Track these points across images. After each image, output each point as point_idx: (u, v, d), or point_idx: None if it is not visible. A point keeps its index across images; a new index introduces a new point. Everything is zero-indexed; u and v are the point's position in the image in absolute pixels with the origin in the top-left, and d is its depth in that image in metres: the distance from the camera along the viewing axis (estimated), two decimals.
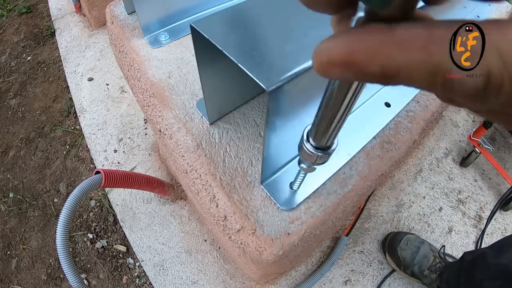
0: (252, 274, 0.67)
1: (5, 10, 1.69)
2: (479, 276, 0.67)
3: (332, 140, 0.29)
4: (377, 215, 1.05)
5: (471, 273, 0.70)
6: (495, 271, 0.64)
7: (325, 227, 0.47)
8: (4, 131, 1.27)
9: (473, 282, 0.68)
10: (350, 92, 0.21)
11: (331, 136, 0.27)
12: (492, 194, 1.13)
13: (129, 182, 0.73)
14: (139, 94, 0.59)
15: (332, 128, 0.26)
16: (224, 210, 0.44)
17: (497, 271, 0.63)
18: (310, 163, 0.33)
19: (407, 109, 0.57)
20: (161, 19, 0.58)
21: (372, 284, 0.94)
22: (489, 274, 0.65)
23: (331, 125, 0.25)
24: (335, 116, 0.24)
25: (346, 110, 0.23)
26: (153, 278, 0.93)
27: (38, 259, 1.00)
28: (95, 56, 1.42)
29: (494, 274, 0.64)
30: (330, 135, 0.27)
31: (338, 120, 0.24)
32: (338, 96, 0.22)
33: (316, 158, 0.30)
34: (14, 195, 1.12)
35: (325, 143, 0.29)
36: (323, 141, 0.28)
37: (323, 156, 0.30)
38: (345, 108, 0.23)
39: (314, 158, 0.30)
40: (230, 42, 0.30)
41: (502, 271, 0.62)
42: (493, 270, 0.64)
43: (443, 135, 1.25)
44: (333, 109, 0.23)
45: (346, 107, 0.23)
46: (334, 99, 0.22)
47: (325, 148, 0.30)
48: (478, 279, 0.67)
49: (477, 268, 0.69)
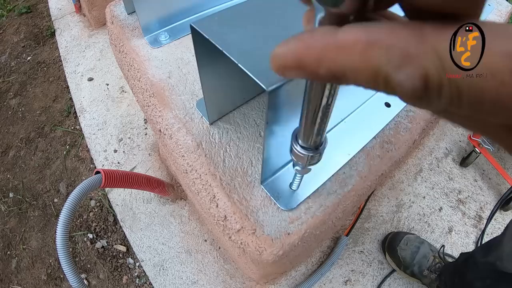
0: (252, 274, 0.67)
1: (5, 10, 1.69)
2: (470, 276, 0.67)
3: (320, 139, 0.29)
4: (377, 215, 1.05)
5: (463, 274, 0.70)
6: (484, 270, 0.64)
7: (325, 227, 0.47)
8: (4, 131, 1.27)
9: (465, 282, 0.68)
10: (327, 90, 0.21)
11: (318, 134, 0.27)
12: (492, 194, 1.13)
13: (129, 182, 0.73)
14: (139, 94, 0.59)
15: (316, 125, 0.26)
16: (224, 210, 0.44)
17: (485, 270, 0.64)
18: (303, 165, 0.33)
19: (407, 109, 0.57)
20: (161, 19, 0.58)
21: (372, 284, 0.94)
22: (478, 273, 0.65)
23: (315, 122, 0.25)
24: (317, 113, 0.24)
25: (326, 106, 0.23)
26: (153, 278, 0.93)
27: (38, 259, 1.00)
28: (95, 56, 1.42)
29: (483, 273, 0.64)
30: (316, 134, 0.27)
31: (320, 116, 0.24)
32: (316, 93, 0.22)
33: (307, 159, 0.30)
34: (14, 195, 1.12)
35: (312, 142, 0.29)
36: (310, 140, 0.28)
37: (314, 156, 0.30)
38: (325, 104, 0.23)
39: (305, 159, 0.30)
40: (230, 42, 0.30)
41: (490, 270, 0.62)
42: (482, 269, 0.65)
43: (443, 135, 1.25)
44: (314, 106, 0.23)
45: (326, 103, 0.23)
46: (313, 96, 0.23)
47: (315, 148, 0.30)
48: (469, 279, 0.67)
49: (468, 268, 0.69)
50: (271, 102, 0.29)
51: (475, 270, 0.67)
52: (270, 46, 0.15)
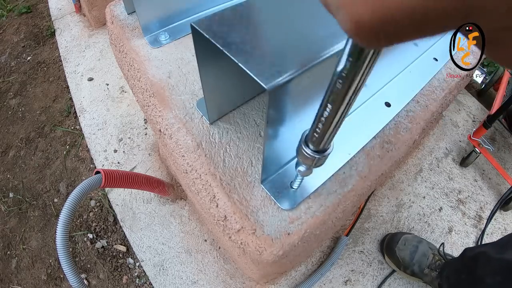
0: (252, 274, 0.67)
1: (5, 10, 1.69)
2: (481, 272, 0.67)
3: (330, 144, 0.31)
4: (377, 215, 1.05)
5: (472, 270, 0.70)
6: (497, 266, 0.64)
7: (325, 227, 0.47)
8: (4, 131, 1.27)
9: (475, 278, 0.68)
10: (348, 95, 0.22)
11: (329, 139, 0.29)
12: (492, 194, 1.13)
13: (129, 182, 0.73)
14: (139, 94, 0.59)
15: (329, 132, 0.28)
16: (224, 210, 0.44)
17: (499, 267, 0.63)
18: (308, 166, 0.35)
19: (407, 109, 0.57)
20: (161, 19, 0.58)
21: (372, 284, 0.94)
22: (491, 270, 0.65)
23: (329, 129, 0.27)
24: (332, 120, 0.26)
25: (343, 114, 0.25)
26: (153, 278, 0.93)
27: (38, 259, 1.00)
28: (95, 56, 1.42)
29: (496, 270, 0.64)
30: (328, 139, 0.29)
31: (335, 123, 0.26)
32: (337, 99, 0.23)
33: (314, 161, 0.32)
34: (14, 195, 1.12)
35: (323, 147, 0.31)
36: (322, 145, 0.30)
37: (321, 158, 0.32)
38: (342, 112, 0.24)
39: (312, 160, 0.32)
40: (230, 42, 0.30)
41: (505, 267, 0.62)
42: (496, 265, 0.64)
43: (443, 135, 1.25)
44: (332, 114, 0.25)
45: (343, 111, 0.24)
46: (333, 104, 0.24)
47: (323, 151, 0.32)
48: (479, 275, 0.67)
49: (479, 264, 0.68)
50: (271, 101, 0.29)
51: (487, 267, 0.66)
52: (270, 46, 0.15)
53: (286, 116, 0.36)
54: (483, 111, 1.34)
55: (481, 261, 0.68)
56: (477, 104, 1.36)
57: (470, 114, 1.33)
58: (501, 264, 0.63)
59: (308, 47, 0.31)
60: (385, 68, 0.56)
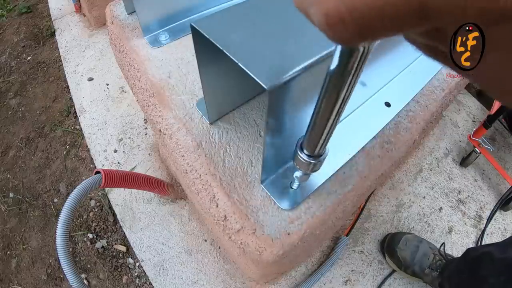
0: (252, 274, 0.67)
1: (5, 10, 1.69)
2: (484, 272, 0.66)
3: (324, 148, 0.32)
4: (377, 215, 1.05)
5: (475, 270, 0.69)
6: (501, 266, 0.64)
7: (325, 227, 0.47)
8: (4, 131, 1.27)
9: (478, 278, 0.67)
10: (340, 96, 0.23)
11: (324, 143, 0.30)
12: (492, 194, 1.13)
13: (129, 182, 0.73)
14: (139, 94, 0.59)
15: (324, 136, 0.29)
16: (224, 210, 0.44)
17: (503, 266, 0.63)
18: (305, 171, 0.35)
19: (407, 109, 0.57)
20: (161, 19, 0.58)
21: (372, 284, 0.94)
22: (495, 270, 0.65)
23: (323, 132, 0.28)
24: (325, 125, 0.27)
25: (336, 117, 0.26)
26: (153, 278, 0.93)
27: (38, 259, 1.00)
28: (95, 56, 1.42)
29: (500, 270, 0.63)
30: (322, 143, 0.30)
31: (329, 126, 0.27)
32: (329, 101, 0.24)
33: (310, 166, 0.33)
34: (14, 195, 1.12)
35: (318, 151, 0.32)
36: (317, 150, 0.31)
37: (316, 163, 0.33)
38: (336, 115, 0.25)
39: (308, 166, 0.33)
40: (230, 42, 0.30)
41: (509, 266, 0.62)
42: (500, 265, 0.64)
43: (443, 135, 1.25)
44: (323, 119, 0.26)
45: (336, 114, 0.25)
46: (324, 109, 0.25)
47: (318, 156, 0.33)
48: (483, 275, 0.66)
49: (482, 265, 0.68)
50: (271, 101, 0.29)
51: (491, 267, 0.66)
52: (270, 46, 0.15)
53: (286, 116, 0.36)
54: (483, 111, 1.34)
55: (485, 262, 0.68)
56: (477, 104, 1.36)
57: (470, 114, 1.33)
58: (504, 263, 0.63)
59: (308, 47, 0.31)
60: (385, 68, 0.56)
